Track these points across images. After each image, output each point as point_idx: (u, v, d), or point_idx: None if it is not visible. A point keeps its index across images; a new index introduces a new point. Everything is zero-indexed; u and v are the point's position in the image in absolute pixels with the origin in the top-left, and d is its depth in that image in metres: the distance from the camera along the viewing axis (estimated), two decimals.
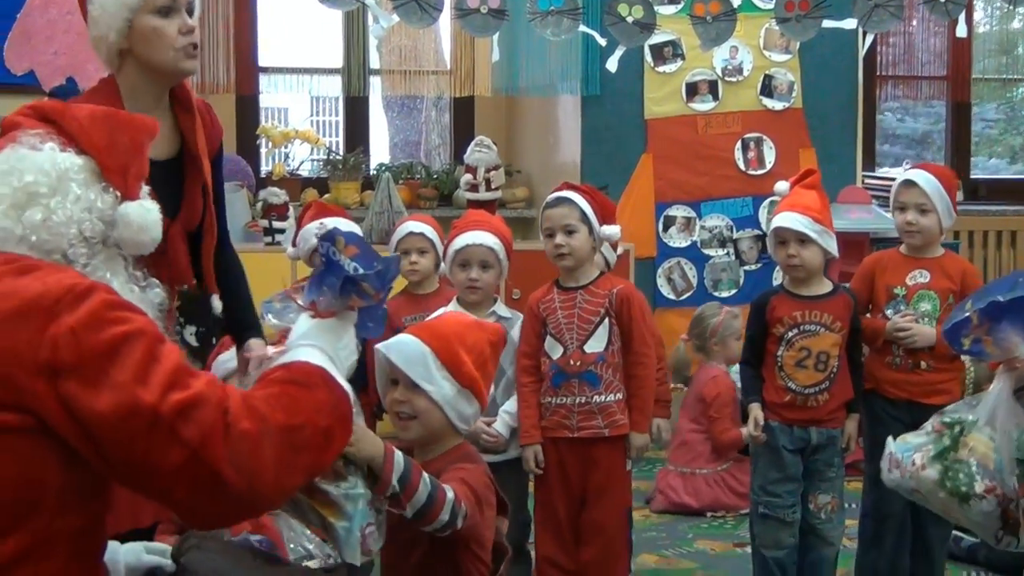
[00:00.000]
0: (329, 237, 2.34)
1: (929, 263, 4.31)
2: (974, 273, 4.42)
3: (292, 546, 4.15)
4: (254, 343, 3.38)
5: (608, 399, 4.06)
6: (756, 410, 4.21)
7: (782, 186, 4.40)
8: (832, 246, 4.20)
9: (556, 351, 4.11)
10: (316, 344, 2.28)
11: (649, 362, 4.12)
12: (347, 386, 2.23)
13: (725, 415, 5.69)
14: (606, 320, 4.07)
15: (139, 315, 2.00)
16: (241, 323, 3.43)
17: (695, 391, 5.81)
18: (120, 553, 2.24)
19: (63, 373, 1.88)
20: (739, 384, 5.85)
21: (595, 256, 4.24)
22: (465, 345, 2.85)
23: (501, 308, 4.31)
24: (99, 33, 3.14)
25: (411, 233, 4.82)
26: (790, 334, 4.18)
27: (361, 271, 2.30)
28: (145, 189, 2.20)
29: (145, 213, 2.16)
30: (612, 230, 4.19)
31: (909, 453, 3.15)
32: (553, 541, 4.14)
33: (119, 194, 2.14)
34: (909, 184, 4.29)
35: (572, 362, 4.08)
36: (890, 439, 3.25)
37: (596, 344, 4.07)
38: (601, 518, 4.11)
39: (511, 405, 4.20)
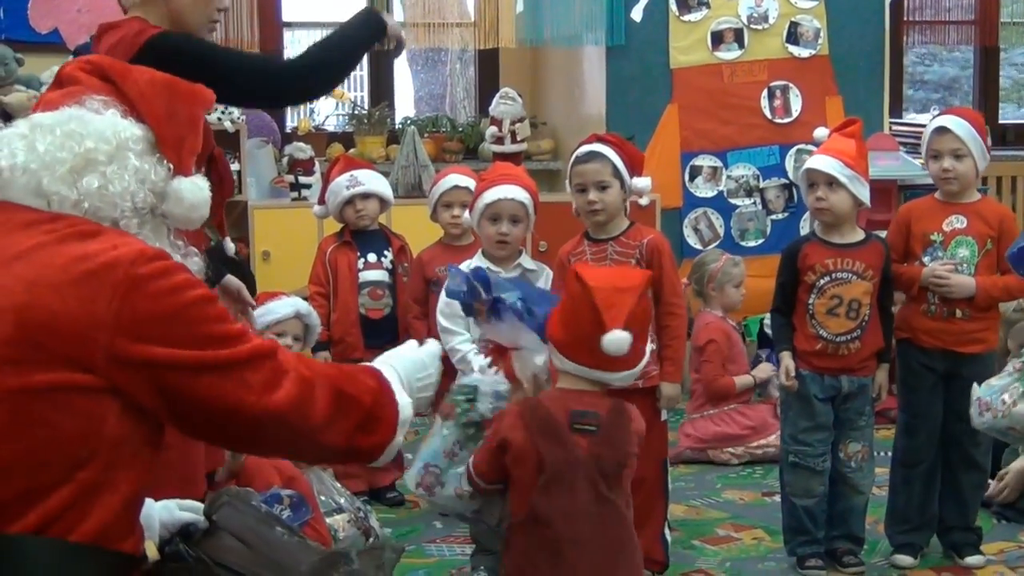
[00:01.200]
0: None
1: (965, 208, 4.26)
2: (1012, 217, 4.38)
3: (323, 498, 4.19)
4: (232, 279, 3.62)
5: None
6: (787, 359, 4.20)
7: (821, 132, 4.38)
8: (864, 194, 4.16)
9: None
10: (391, 363, 2.36)
11: (680, 312, 4.11)
12: (405, 401, 2.29)
13: (716, 361, 5.70)
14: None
15: (199, 279, 2.10)
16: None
17: (692, 340, 5.80)
18: (155, 509, 2.27)
19: (143, 335, 1.95)
20: (737, 331, 5.89)
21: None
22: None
23: (527, 261, 4.29)
24: None
25: (456, 187, 4.88)
26: (822, 282, 4.16)
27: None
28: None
29: (197, 191, 2.18)
30: (643, 182, 4.17)
31: (996, 395, 3.22)
32: None
33: (172, 167, 2.16)
34: (941, 131, 4.24)
35: None
36: (976, 385, 3.31)
37: None
38: (642, 472, 4.10)
39: None
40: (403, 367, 2.36)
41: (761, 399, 5.79)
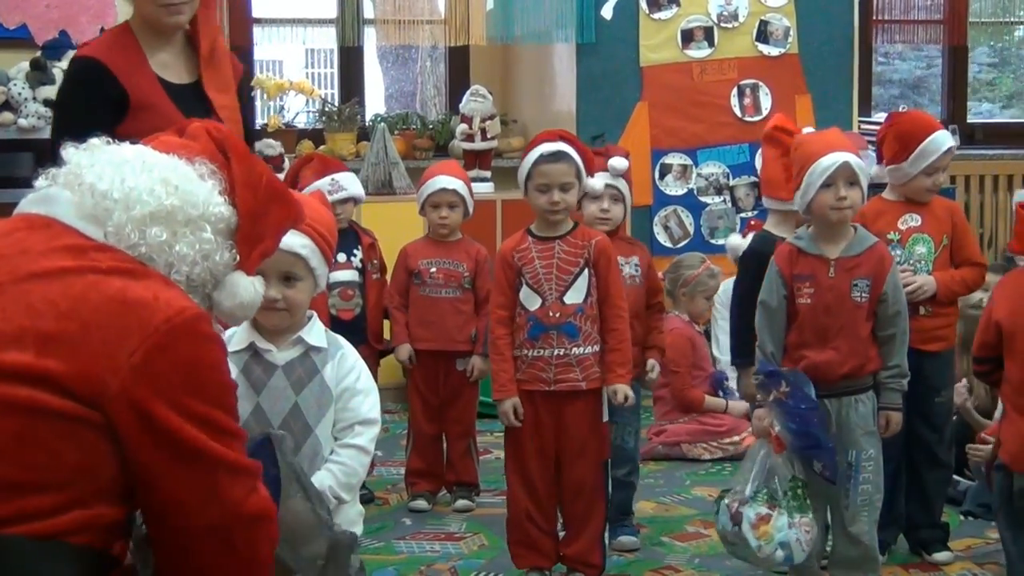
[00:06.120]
0: None
1: (918, 207, 4.31)
2: (959, 210, 4.47)
3: None
4: None
5: (586, 351, 3.98)
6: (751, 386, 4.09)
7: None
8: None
9: (534, 302, 4.01)
10: None
11: (625, 314, 4.05)
12: None
13: (684, 368, 5.69)
14: (585, 271, 3.99)
15: (225, 358, 2.06)
16: None
17: None
18: None
19: (154, 389, 1.91)
20: (702, 335, 5.89)
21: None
22: None
23: (313, 335, 3.27)
24: None
25: (443, 189, 4.96)
26: None
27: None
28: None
29: (253, 292, 2.19)
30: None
31: None
32: (528, 499, 4.07)
33: (238, 260, 2.15)
34: (951, 151, 4.33)
35: (552, 314, 3.98)
36: None
37: (575, 295, 3.99)
38: (582, 474, 4.04)
39: (323, 477, 2.92)
40: None
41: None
